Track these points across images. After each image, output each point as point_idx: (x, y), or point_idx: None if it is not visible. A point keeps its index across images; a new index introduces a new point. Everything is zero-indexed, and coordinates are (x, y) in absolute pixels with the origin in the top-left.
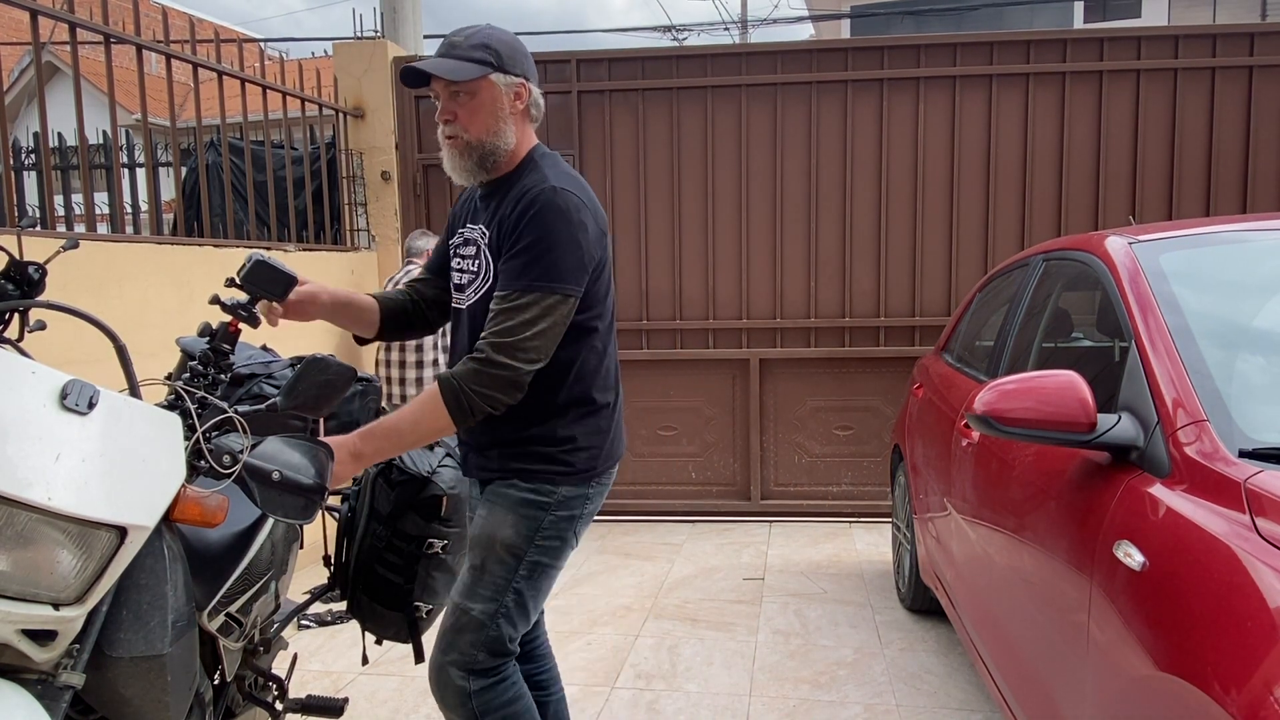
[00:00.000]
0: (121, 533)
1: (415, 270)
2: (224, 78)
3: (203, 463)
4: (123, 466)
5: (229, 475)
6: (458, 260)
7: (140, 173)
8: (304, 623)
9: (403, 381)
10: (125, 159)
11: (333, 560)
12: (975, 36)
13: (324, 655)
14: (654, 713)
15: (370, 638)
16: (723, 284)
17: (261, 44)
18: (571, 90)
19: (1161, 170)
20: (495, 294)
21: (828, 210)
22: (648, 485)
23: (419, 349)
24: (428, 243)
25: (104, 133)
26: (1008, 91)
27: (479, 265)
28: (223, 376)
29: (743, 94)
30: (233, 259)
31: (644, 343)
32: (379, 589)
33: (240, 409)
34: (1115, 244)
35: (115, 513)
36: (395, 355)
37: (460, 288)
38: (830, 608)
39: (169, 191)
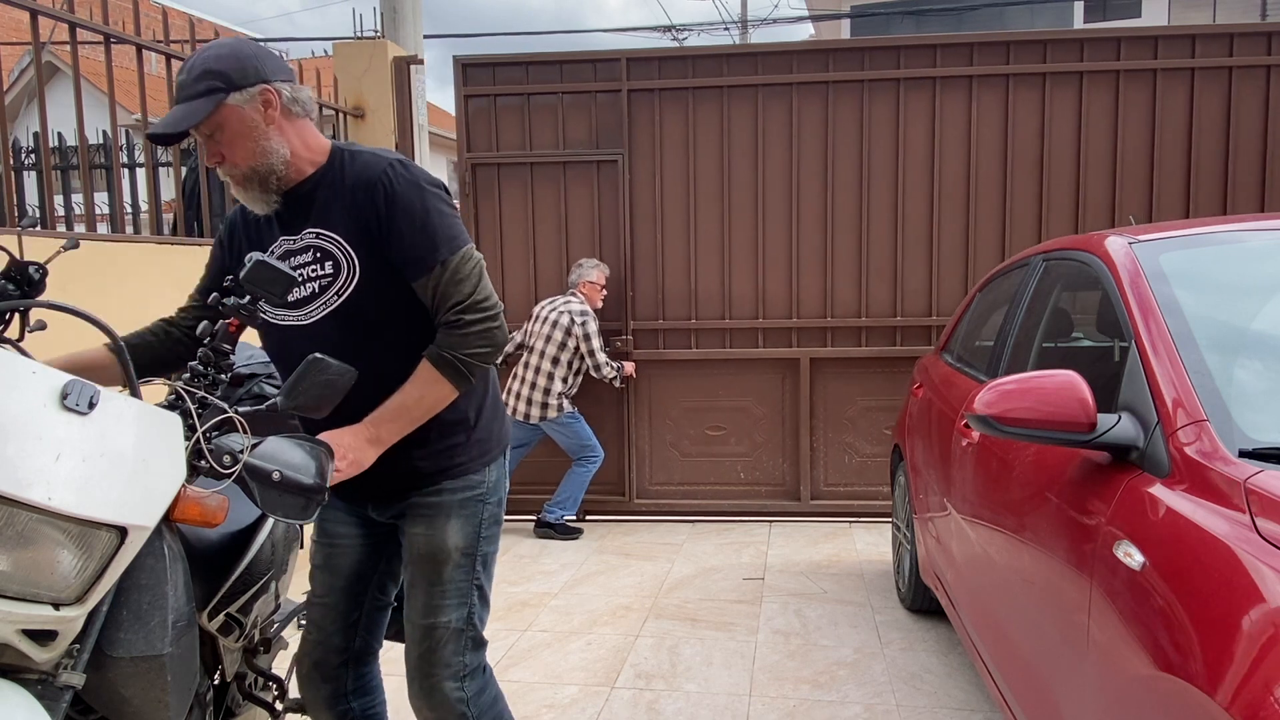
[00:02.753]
0: (122, 533)
1: (575, 303)
2: None
3: (203, 463)
4: (123, 466)
5: (229, 475)
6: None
7: (140, 173)
8: (304, 623)
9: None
10: (125, 159)
11: None
12: (1026, 35)
13: None
14: (654, 713)
15: None
16: (772, 283)
17: (261, 44)
18: (621, 89)
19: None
20: (419, 279)
21: (879, 209)
22: (696, 485)
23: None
24: (600, 274)
25: (104, 133)
26: (1061, 90)
27: (334, 266)
28: (223, 376)
29: (793, 92)
30: None
31: (693, 342)
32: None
33: (240, 409)
34: (1115, 244)
35: (115, 513)
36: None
37: (303, 301)
38: (830, 608)
39: (169, 191)
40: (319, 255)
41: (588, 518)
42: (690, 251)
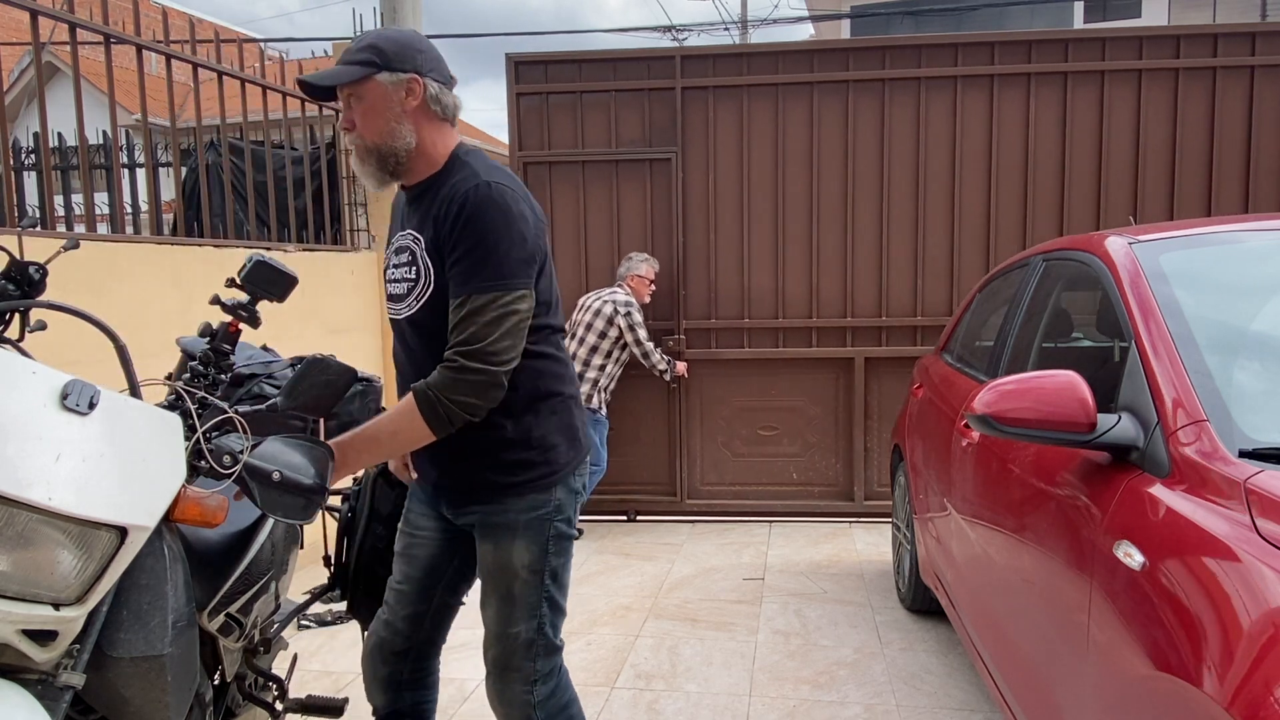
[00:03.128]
0: (122, 533)
1: (620, 294)
2: (224, 78)
3: (203, 463)
4: (123, 467)
5: (229, 475)
6: (391, 270)
7: (140, 173)
8: (304, 623)
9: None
10: (125, 159)
11: (333, 561)
12: (1082, 33)
13: (324, 655)
14: (654, 713)
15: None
16: (826, 282)
17: (261, 44)
18: (675, 87)
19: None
20: (452, 301)
21: (935, 206)
22: (747, 485)
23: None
24: (649, 269)
25: (104, 133)
26: (1120, 88)
27: (416, 272)
28: (223, 377)
29: (849, 90)
30: (233, 259)
31: (745, 341)
32: (379, 589)
33: (240, 409)
34: (1115, 244)
35: (116, 513)
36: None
37: (397, 298)
38: (830, 608)
39: (169, 191)
40: (410, 258)
41: (639, 518)
42: (743, 250)
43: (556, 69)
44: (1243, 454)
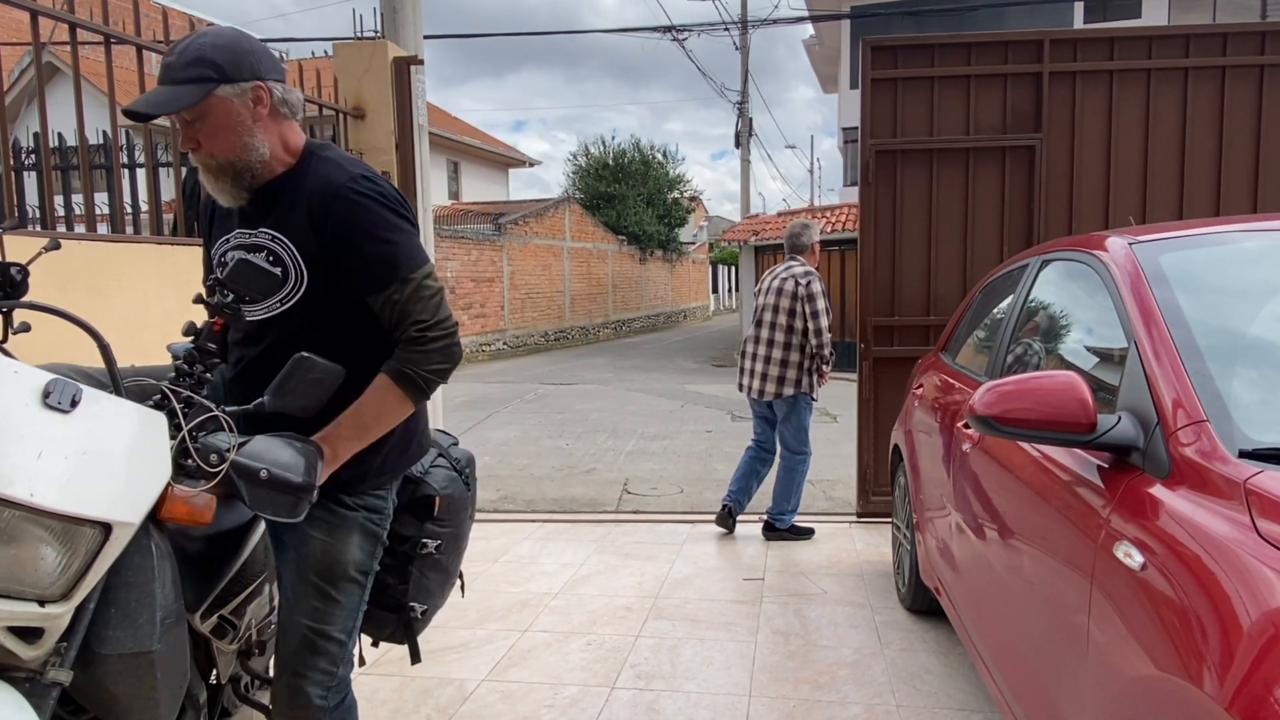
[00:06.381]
0: (106, 529)
1: (797, 266)
2: None
3: (190, 461)
4: (106, 464)
5: (217, 474)
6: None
7: (140, 173)
8: None
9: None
10: (125, 159)
11: None
12: None
13: None
14: (654, 713)
15: (366, 639)
16: None
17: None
18: (1042, 71)
19: None
20: (375, 296)
21: None
22: None
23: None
24: (813, 235)
25: (104, 133)
26: None
27: (284, 271)
28: (209, 376)
29: (1225, 75)
30: None
31: None
32: (374, 590)
33: (227, 408)
34: (1115, 244)
35: (98, 509)
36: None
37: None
38: (830, 608)
39: (169, 191)
40: (270, 256)
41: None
42: None
43: (908, 54)
44: (1242, 454)
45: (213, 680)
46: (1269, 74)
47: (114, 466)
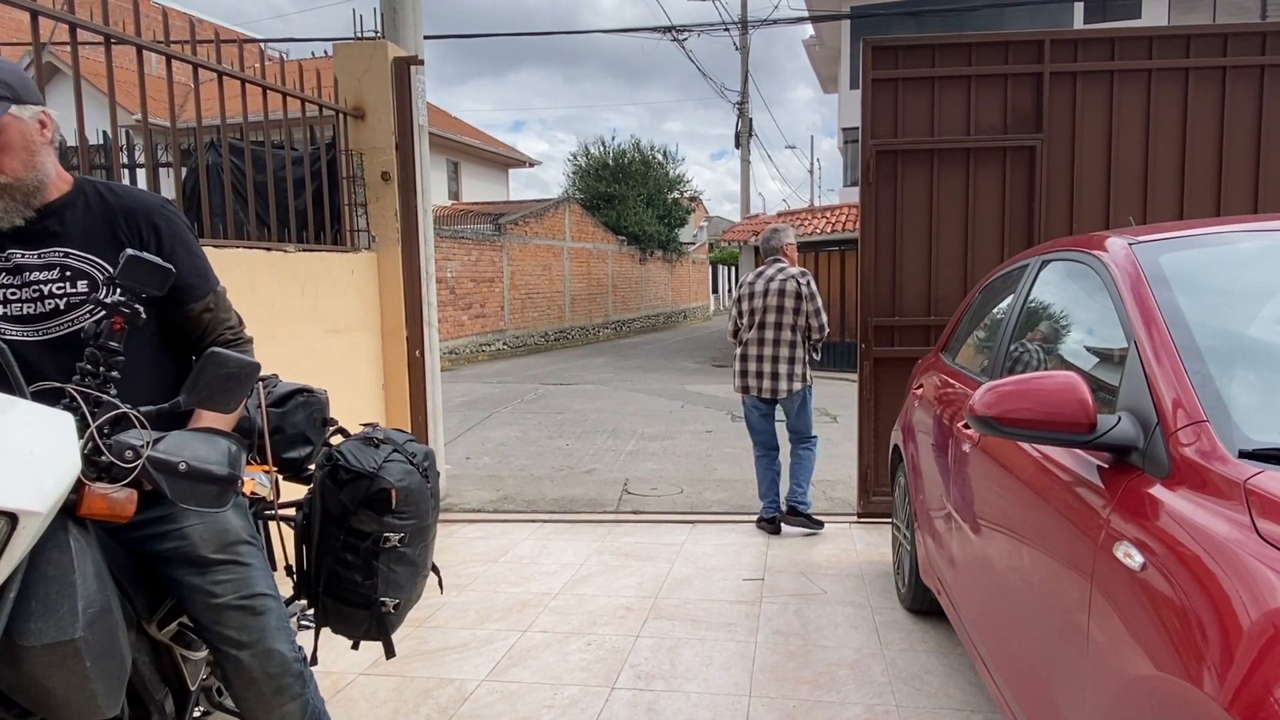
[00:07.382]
0: (11, 519)
1: (787, 266)
2: (224, 78)
3: (103, 458)
4: (6, 459)
5: (133, 469)
6: (21, 290)
7: (140, 173)
8: (304, 623)
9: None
10: (125, 159)
11: (295, 570)
12: None
13: (323, 656)
14: (654, 713)
15: (324, 638)
16: None
17: (261, 44)
18: (1043, 71)
19: None
20: (194, 304)
21: None
22: None
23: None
24: (789, 236)
25: (104, 133)
26: None
27: (91, 286)
28: (115, 374)
29: (1225, 76)
30: (233, 260)
31: None
32: (343, 590)
33: (142, 408)
34: (1115, 245)
35: (1, 499)
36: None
37: (41, 317)
38: (830, 608)
39: (169, 192)
40: (68, 274)
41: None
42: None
43: (909, 54)
44: (1242, 454)
45: (193, 687)
46: (1269, 74)
47: (15, 461)
